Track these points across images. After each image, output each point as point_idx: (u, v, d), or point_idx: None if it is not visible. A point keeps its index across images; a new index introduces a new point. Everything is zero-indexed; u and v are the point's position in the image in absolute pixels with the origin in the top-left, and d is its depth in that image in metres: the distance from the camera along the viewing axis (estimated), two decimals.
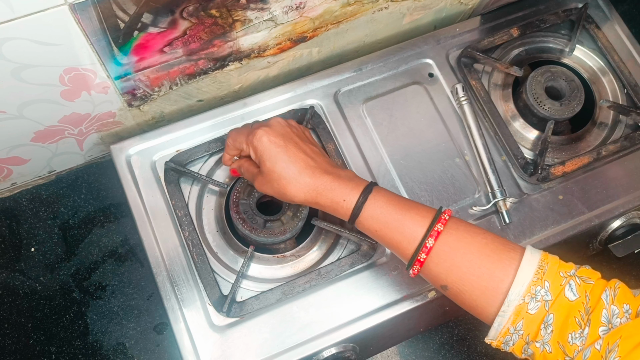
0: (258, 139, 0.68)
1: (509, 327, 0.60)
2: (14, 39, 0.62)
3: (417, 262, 0.63)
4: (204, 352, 0.73)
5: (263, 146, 0.67)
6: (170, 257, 0.78)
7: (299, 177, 0.66)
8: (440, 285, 0.64)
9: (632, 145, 0.87)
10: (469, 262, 0.62)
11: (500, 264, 0.61)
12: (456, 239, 0.63)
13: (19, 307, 0.91)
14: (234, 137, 0.72)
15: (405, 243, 0.64)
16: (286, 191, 0.67)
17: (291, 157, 0.67)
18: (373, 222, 0.66)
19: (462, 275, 0.62)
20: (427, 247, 0.63)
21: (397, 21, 0.93)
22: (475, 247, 0.62)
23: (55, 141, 0.86)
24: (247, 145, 0.69)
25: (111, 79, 0.76)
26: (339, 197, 0.66)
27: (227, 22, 0.75)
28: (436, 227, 0.63)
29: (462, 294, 0.63)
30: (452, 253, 0.62)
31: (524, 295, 0.59)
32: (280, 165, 0.67)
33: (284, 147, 0.67)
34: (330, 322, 0.76)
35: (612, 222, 0.86)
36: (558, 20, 0.94)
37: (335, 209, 0.67)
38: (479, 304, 0.62)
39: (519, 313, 0.59)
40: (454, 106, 0.89)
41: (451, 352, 0.95)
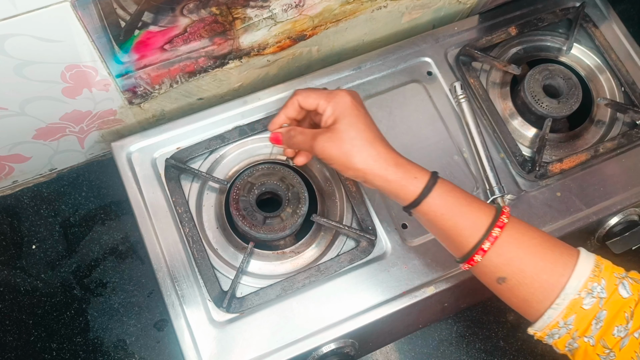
0: (342, 97, 0.67)
1: (559, 320, 0.61)
2: (17, 36, 0.62)
3: (480, 250, 0.63)
4: (204, 348, 0.74)
5: (345, 105, 0.66)
6: (170, 253, 0.78)
7: (373, 144, 0.65)
8: (497, 277, 0.64)
9: (629, 142, 0.87)
10: (532, 254, 0.62)
11: (562, 259, 0.62)
12: (519, 232, 0.64)
13: (20, 304, 0.92)
14: (306, 94, 0.69)
15: (470, 230, 0.64)
16: (356, 153, 0.65)
17: (368, 125, 0.66)
18: (440, 204, 0.64)
19: (524, 267, 0.62)
20: (493, 236, 0.63)
21: (396, 20, 0.94)
22: (538, 241, 0.63)
23: (57, 139, 0.87)
24: (327, 101, 0.67)
25: (112, 76, 0.77)
26: (411, 174, 0.65)
27: (227, 20, 0.76)
28: (501, 218, 0.63)
29: (520, 286, 0.63)
30: (516, 244, 0.63)
31: (580, 290, 0.60)
32: (358, 126, 0.65)
33: (363, 113, 0.67)
34: (329, 318, 0.76)
35: (610, 219, 0.86)
36: (556, 19, 0.95)
37: (403, 185, 0.65)
38: (534, 298, 0.62)
39: (572, 307, 0.60)
40: (452, 104, 0.90)
41: (450, 349, 0.96)
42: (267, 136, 0.86)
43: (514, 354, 0.96)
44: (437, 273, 0.79)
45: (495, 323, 0.98)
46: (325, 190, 0.84)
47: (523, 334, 0.97)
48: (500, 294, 0.66)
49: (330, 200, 0.84)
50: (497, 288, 0.65)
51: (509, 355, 0.96)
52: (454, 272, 0.79)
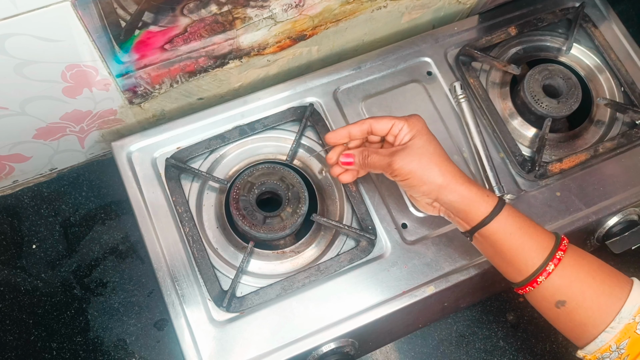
0: (417, 117, 0.71)
1: (611, 344, 0.62)
2: (17, 35, 0.62)
3: (544, 272, 0.65)
4: (204, 347, 0.74)
5: (421, 124, 0.70)
6: (170, 253, 0.78)
7: (448, 162, 0.68)
8: (557, 300, 0.65)
9: (629, 142, 0.88)
10: (592, 278, 0.64)
11: (619, 283, 0.64)
12: (579, 256, 0.66)
13: (20, 303, 0.92)
14: (378, 118, 0.72)
15: (535, 252, 0.65)
16: (434, 168, 0.67)
17: (440, 145, 0.70)
18: (509, 224, 0.66)
19: (585, 289, 0.64)
20: (557, 258, 0.65)
21: (395, 20, 0.94)
22: (596, 265, 0.66)
23: (57, 138, 0.87)
24: (402, 121, 0.70)
25: (112, 76, 0.77)
26: (484, 192, 0.67)
27: (227, 19, 0.76)
28: (563, 242, 0.66)
29: (579, 309, 0.64)
30: (577, 267, 0.65)
31: (635, 315, 0.62)
32: (434, 144, 0.69)
33: (434, 137, 0.70)
34: (329, 318, 0.76)
35: (609, 218, 0.86)
36: (555, 19, 0.95)
37: (476, 202, 0.66)
38: (591, 322, 0.64)
39: (626, 332, 0.61)
40: (452, 104, 0.90)
41: (450, 349, 0.96)
42: (267, 136, 0.86)
43: (514, 353, 0.96)
44: (437, 272, 0.79)
45: (495, 323, 0.98)
46: (325, 190, 0.84)
47: (523, 333, 0.97)
48: (555, 318, 0.67)
49: (330, 199, 0.84)
50: (554, 313, 0.66)
51: (509, 355, 0.96)
52: (454, 271, 0.79)
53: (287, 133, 0.86)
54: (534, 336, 0.97)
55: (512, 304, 0.99)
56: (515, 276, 0.67)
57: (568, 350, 0.96)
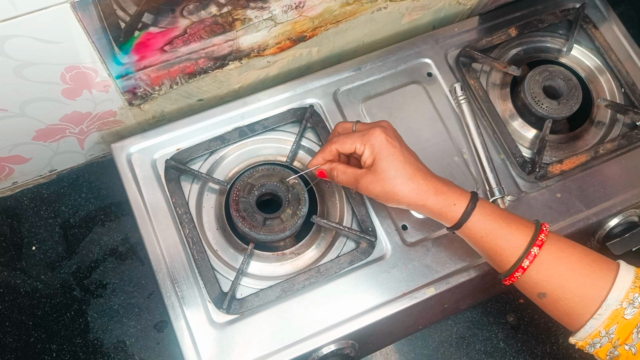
0: (377, 137, 0.69)
1: (600, 330, 0.63)
2: (17, 37, 0.62)
3: (520, 268, 0.66)
4: (204, 349, 0.74)
5: (381, 144, 0.69)
6: (170, 254, 0.78)
7: (412, 179, 0.68)
8: (537, 292, 0.67)
9: (629, 143, 0.87)
10: (572, 270, 0.65)
11: (601, 273, 0.64)
12: (558, 248, 0.66)
13: (20, 305, 0.92)
14: (343, 141, 0.71)
15: (509, 250, 0.67)
16: (398, 191, 0.68)
17: (406, 159, 0.69)
18: (479, 227, 0.68)
19: (564, 283, 0.65)
20: (532, 255, 0.66)
21: (396, 21, 0.94)
22: (577, 257, 0.66)
23: (57, 140, 0.87)
24: (363, 144, 0.70)
25: (112, 77, 0.77)
26: (450, 201, 0.68)
27: (227, 21, 0.76)
28: (540, 237, 0.66)
29: (561, 301, 0.65)
30: (555, 262, 0.66)
31: (621, 300, 0.62)
32: (396, 164, 0.68)
33: (399, 148, 0.69)
34: (329, 319, 0.76)
35: (610, 220, 0.86)
36: (556, 20, 0.95)
37: (444, 212, 0.68)
38: (576, 311, 0.65)
39: (614, 317, 0.62)
40: (452, 105, 0.90)
41: (450, 350, 0.96)
42: (267, 137, 0.86)
43: (514, 355, 0.96)
44: (437, 274, 0.79)
45: (496, 324, 0.98)
46: (325, 192, 0.84)
47: (523, 335, 0.97)
48: (542, 306, 0.68)
49: (330, 201, 0.84)
50: (539, 302, 0.68)
51: (509, 357, 0.96)
52: (454, 273, 0.79)
53: (287, 134, 0.86)
54: (534, 338, 0.97)
55: (513, 306, 0.99)
56: (498, 269, 0.70)
57: (568, 352, 0.96)
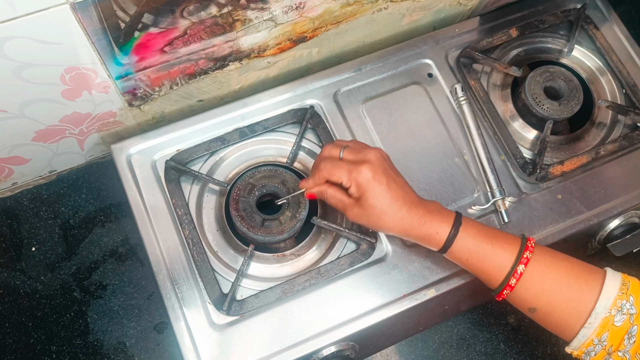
0: (364, 175, 0.69)
1: (593, 338, 0.64)
2: (16, 38, 0.62)
3: (508, 287, 0.67)
4: (204, 350, 0.74)
5: (368, 183, 0.69)
6: (170, 256, 0.78)
7: (397, 213, 0.69)
8: (528, 308, 0.68)
9: (630, 144, 0.87)
10: (558, 286, 0.66)
11: (587, 286, 0.65)
12: (544, 265, 0.67)
13: (19, 306, 0.92)
14: (330, 171, 0.71)
15: (496, 270, 0.68)
16: (384, 225, 0.70)
17: (392, 195, 0.69)
18: (464, 252, 0.69)
19: (552, 298, 0.66)
20: (518, 273, 0.67)
21: (396, 22, 0.94)
22: (563, 272, 0.67)
23: (56, 141, 0.87)
24: (350, 180, 0.70)
25: (112, 78, 0.77)
26: (432, 230, 0.69)
27: (227, 21, 0.76)
28: (525, 254, 0.67)
29: (550, 315, 0.67)
30: (542, 278, 0.67)
31: (610, 308, 0.63)
32: (382, 202, 0.69)
33: (386, 185, 0.69)
34: (330, 321, 0.76)
35: (611, 221, 0.86)
36: (557, 20, 0.95)
37: (428, 240, 0.70)
38: (567, 324, 0.66)
39: (604, 325, 0.63)
40: (453, 106, 0.89)
41: (450, 351, 0.96)
42: (267, 138, 0.86)
43: (515, 356, 0.96)
44: (438, 276, 0.79)
45: (496, 325, 0.98)
46: None
47: (524, 336, 0.97)
48: (534, 319, 0.70)
49: None
50: (531, 315, 0.69)
51: (510, 358, 0.96)
52: (455, 274, 0.79)
53: (288, 135, 0.86)
54: (534, 339, 0.97)
55: (513, 307, 0.98)
56: (489, 286, 0.71)
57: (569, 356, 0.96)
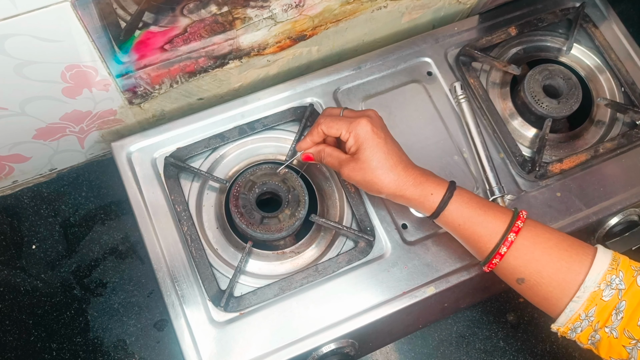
0: (363, 127, 0.70)
1: (580, 313, 0.64)
2: (17, 35, 0.62)
3: (498, 255, 0.68)
4: (204, 347, 0.74)
5: (366, 135, 0.70)
6: (170, 253, 0.78)
7: (393, 170, 0.70)
8: (516, 278, 0.68)
9: (629, 142, 0.87)
10: (548, 255, 0.66)
11: (578, 257, 0.65)
12: (535, 234, 0.67)
13: (20, 304, 0.92)
14: (329, 124, 0.73)
15: (487, 237, 0.68)
16: (378, 181, 0.70)
17: (389, 150, 0.70)
18: (457, 216, 0.69)
19: (541, 268, 0.66)
20: (509, 241, 0.67)
21: (395, 20, 0.94)
22: (553, 242, 0.67)
23: (57, 139, 0.87)
24: (348, 132, 0.71)
25: (112, 76, 0.77)
26: (427, 191, 0.70)
27: (227, 20, 0.76)
28: (517, 223, 0.68)
29: (539, 286, 0.66)
30: (532, 247, 0.67)
31: (599, 282, 0.63)
32: (379, 155, 0.70)
33: (384, 139, 0.70)
34: (329, 318, 0.76)
35: (610, 219, 0.86)
36: (556, 19, 0.95)
37: (422, 201, 0.70)
38: (554, 295, 0.66)
39: (593, 299, 0.63)
40: (452, 104, 0.90)
41: (450, 349, 0.96)
42: (267, 136, 0.86)
43: (514, 354, 0.96)
44: (437, 273, 0.79)
45: (495, 323, 0.98)
46: (325, 191, 0.84)
47: (523, 334, 0.97)
48: (521, 292, 0.69)
49: (331, 200, 0.84)
50: (518, 287, 0.69)
51: (509, 356, 0.96)
52: (454, 272, 0.79)
53: (287, 133, 0.86)
54: (534, 336, 0.97)
55: (513, 305, 0.99)
56: (478, 256, 0.71)
57: (568, 350, 0.96)
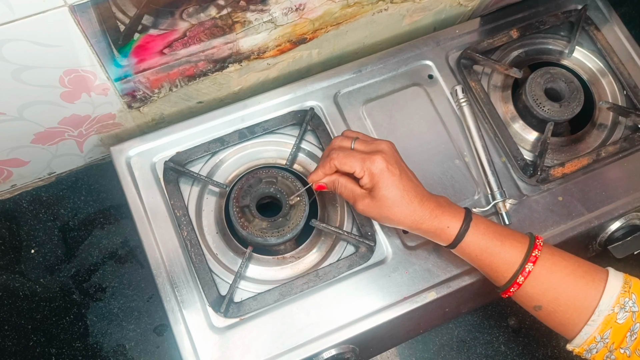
0: (377, 165, 0.69)
1: (595, 335, 0.65)
2: (15, 41, 0.62)
3: (515, 284, 0.68)
4: (204, 353, 0.73)
5: (381, 173, 0.69)
6: (170, 258, 0.78)
7: (409, 205, 0.70)
8: (533, 305, 0.69)
9: (631, 146, 0.87)
10: (565, 283, 0.67)
11: (593, 284, 0.66)
12: (551, 263, 0.68)
13: (19, 308, 0.91)
14: (343, 160, 0.71)
15: (504, 267, 0.69)
16: (395, 217, 0.70)
17: (405, 186, 0.70)
18: (474, 247, 0.70)
19: (559, 296, 0.67)
20: (527, 271, 0.68)
21: (396, 23, 0.93)
22: (570, 269, 0.68)
23: (55, 143, 0.87)
24: (363, 170, 0.70)
25: (111, 80, 0.76)
26: (443, 224, 0.70)
27: (226, 23, 0.75)
28: (534, 252, 0.68)
29: (556, 313, 0.67)
30: (549, 276, 0.67)
31: (613, 306, 0.64)
32: (394, 193, 0.69)
33: (399, 176, 0.70)
34: (329, 324, 0.76)
35: (612, 223, 0.86)
36: (557, 21, 0.94)
37: (438, 234, 0.71)
38: (571, 321, 0.67)
39: (607, 322, 0.64)
40: (453, 108, 0.89)
41: (451, 354, 0.95)
42: (267, 140, 0.86)
43: (515, 358, 0.96)
44: (439, 278, 0.78)
45: (497, 328, 0.97)
46: (326, 195, 0.84)
47: (524, 338, 0.97)
48: (538, 318, 0.71)
49: (331, 205, 0.83)
50: (535, 313, 0.70)
51: None
52: (455, 277, 0.79)
53: (287, 137, 0.86)
54: (535, 341, 0.97)
55: (514, 309, 0.98)
56: (495, 283, 0.72)
57: (570, 355, 0.96)
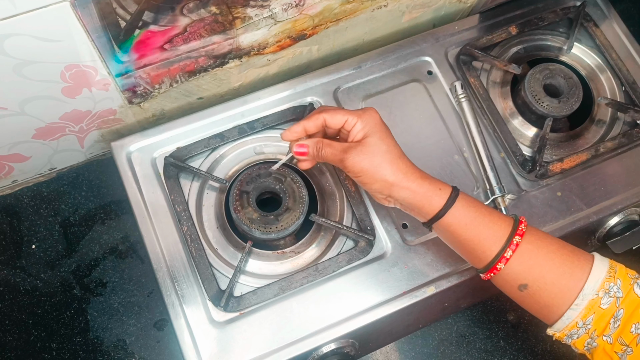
0: (371, 113, 0.70)
1: (578, 321, 0.63)
2: (16, 35, 0.62)
3: (503, 259, 0.66)
4: (204, 348, 0.74)
5: (375, 120, 0.69)
6: (170, 253, 0.78)
7: (401, 158, 0.69)
8: (519, 284, 0.66)
9: (630, 142, 0.87)
10: (551, 260, 0.65)
11: (579, 263, 0.65)
12: (537, 239, 0.67)
13: (19, 303, 0.92)
14: (333, 113, 0.70)
15: (492, 239, 0.67)
16: (386, 167, 0.68)
17: (394, 141, 0.70)
18: (463, 215, 0.67)
19: (545, 273, 0.65)
20: (515, 244, 0.66)
21: (396, 19, 0.94)
22: (556, 247, 0.66)
23: (56, 138, 0.87)
24: (355, 117, 0.69)
25: (112, 76, 0.77)
26: (435, 186, 0.68)
27: (227, 19, 0.76)
28: (520, 227, 0.67)
29: (541, 292, 0.65)
30: (536, 252, 0.66)
31: (598, 290, 0.63)
32: (387, 141, 0.69)
33: (389, 130, 0.70)
34: (329, 318, 0.76)
35: (610, 218, 0.86)
36: (556, 18, 0.95)
37: (429, 196, 0.68)
38: (554, 302, 0.65)
39: (591, 307, 0.63)
40: (452, 104, 0.89)
41: (450, 349, 0.96)
42: (267, 135, 0.86)
43: (514, 353, 0.96)
44: (438, 273, 0.79)
45: (496, 323, 0.98)
46: (326, 190, 0.84)
47: (523, 333, 0.97)
48: (521, 300, 0.68)
49: (331, 199, 0.83)
50: (519, 295, 0.67)
51: (509, 355, 0.96)
52: (455, 271, 0.79)
53: None
54: (534, 336, 0.97)
55: (513, 304, 0.97)
56: (477, 263, 0.69)
57: (569, 350, 0.96)
